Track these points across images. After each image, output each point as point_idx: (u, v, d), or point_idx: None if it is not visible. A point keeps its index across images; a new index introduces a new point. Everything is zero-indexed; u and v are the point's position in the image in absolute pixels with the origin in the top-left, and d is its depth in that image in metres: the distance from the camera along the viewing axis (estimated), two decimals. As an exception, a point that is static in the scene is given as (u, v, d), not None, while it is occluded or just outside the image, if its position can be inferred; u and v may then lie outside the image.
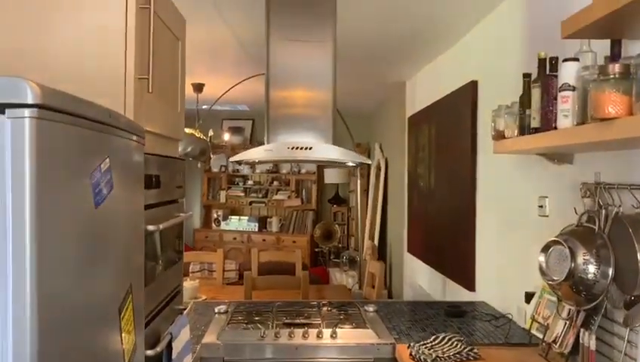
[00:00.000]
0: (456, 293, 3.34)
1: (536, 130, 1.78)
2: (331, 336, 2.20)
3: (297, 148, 2.16)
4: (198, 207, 8.24)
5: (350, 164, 2.50)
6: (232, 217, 7.82)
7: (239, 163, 2.41)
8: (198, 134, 3.99)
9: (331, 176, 7.44)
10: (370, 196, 6.52)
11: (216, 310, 2.61)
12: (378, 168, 6.50)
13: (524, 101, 1.92)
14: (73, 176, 0.85)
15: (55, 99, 0.77)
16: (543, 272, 1.76)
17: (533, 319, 2.05)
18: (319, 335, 2.20)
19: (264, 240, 7.56)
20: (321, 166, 7.53)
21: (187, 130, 3.94)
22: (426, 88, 4.29)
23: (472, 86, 3.12)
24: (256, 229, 7.66)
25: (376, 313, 2.61)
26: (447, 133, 3.57)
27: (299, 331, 2.22)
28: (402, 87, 5.02)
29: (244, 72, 4.42)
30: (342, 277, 6.17)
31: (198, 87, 5.20)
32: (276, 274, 4.30)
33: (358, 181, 6.25)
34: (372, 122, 7.26)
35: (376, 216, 5.98)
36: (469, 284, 3.10)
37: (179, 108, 1.67)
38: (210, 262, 4.53)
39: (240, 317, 2.45)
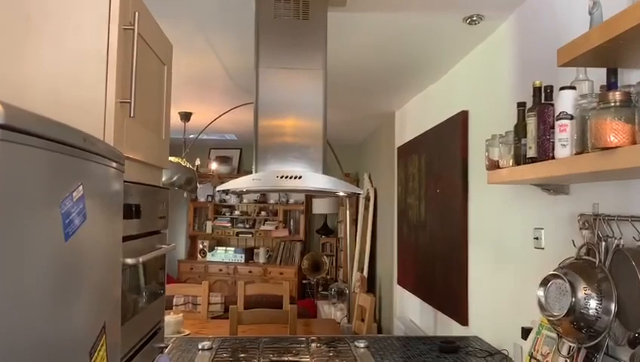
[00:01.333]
0: (449, 327, 3.25)
1: (533, 160, 1.74)
2: (321, 375, 2.09)
3: (286, 177, 2.09)
4: (183, 238, 8.10)
5: (341, 193, 2.43)
6: (219, 248, 7.68)
7: (226, 192, 2.33)
8: (184, 163, 3.91)
9: (320, 207, 7.36)
10: (359, 227, 6.45)
11: (200, 346, 2.49)
12: (367, 199, 6.44)
13: (519, 130, 1.88)
14: (41, 205, 0.77)
15: (21, 120, 0.70)
16: (542, 307, 1.69)
17: (532, 356, 1.96)
18: (308, 374, 2.09)
19: (251, 271, 7.41)
20: (311, 196, 7.47)
21: (173, 159, 3.86)
22: (415, 118, 4.28)
23: (463, 116, 3.09)
24: (243, 260, 7.52)
25: (367, 349, 2.51)
26: (438, 163, 3.53)
27: (286, 369, 2.11)
28: (391, 117, 5.01)
29: (232, 101, 4.38)
30: (330, 310, 6.04)
31: (186, 116, 5.15)
32: (263, 308, 4.19)
33: (347, 211, 6.18)
34: (361, 152, 7.24)
35: (366, 247, 5.89)
36: (462, 318, 3.01)
37: (163, 135, 1.60)
38: (195, 296, 4.40)
39: (225, 355, 2.34)
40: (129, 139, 1.25)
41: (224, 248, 7.67)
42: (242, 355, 2.34)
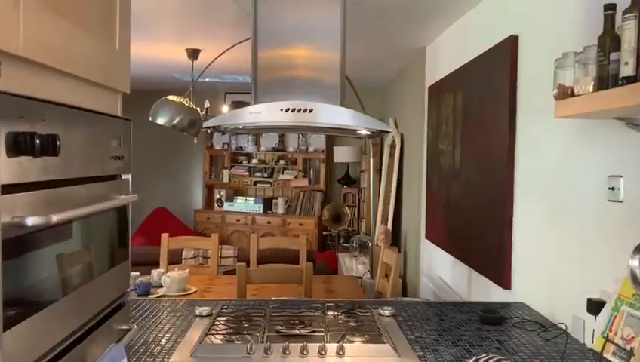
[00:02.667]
0: (486, 290, 2.84)
1: (630, 80, 1.25)
2: (337, 354, 1.70)
3: (294, 110, 1.64)
4: (199, 187, 7.78)
5: (363, 132, 1.97)
6: (238, 198, 7.33)
7: (216, 130, 1.89)
8: (187, 103, 3.48)
9: (341, 155, 6.92)
10: (383, 176, 6.00)
11: (197, 312, 2.13)
12: (392, 146, 5.97)
13: (606, 42, 1.38)
14: None
15: None
16: (637, 281, 1.25)
17: (607, 338, 1.54)
18: (322, 352, 1.71)
19: (269, 222, 7.08)
20: (331, 138, 7.01)
21: (174, 98, 3.44)
22: (450, 52, 3.74)
23: (512, 42, 2.57)
24: (261, 211, 7.19)
25: (394, 318, 2.12)
26: (478, 100, 3.03)
27: (296, 346, 1.73)
28: (422, 53, 4.46)
29: (243, 35, 3.89)
30: (352, 264, 5.69)
31: (194, 54, 4.69)
32: (278, 263, 3.83)
33: (371, 160, 5.73)
34: (385, 95, 6.70)
35: (390, 198, 5.47)
36: (503, 281, 2.59)
37: (118, 45, 1.16)
38: (206, 249, 4.06)
39: (223, 326, 1.97)
40: (31, 34, 0.81)
41: (243, 198, 7.33)
42: (245, 325, 1.97)
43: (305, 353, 1.70)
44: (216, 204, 7.42)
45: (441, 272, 3.83)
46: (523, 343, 1.86)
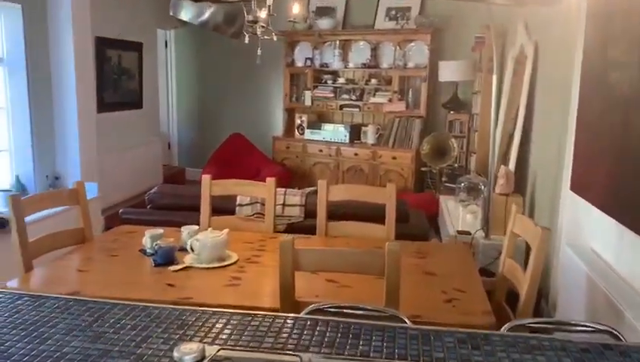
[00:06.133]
0: None
1: None
2: None
3: None
4: (280, 111, 6.78)
5: None
6: (325, 125, 6.24)
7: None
8: (223, -12, 2.35)
9: (449, 72, 5.54)
10: (504, 99, 4.61)
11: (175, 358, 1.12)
12: (518, 61, 4.53)
13: None
14: None
15: None
16: None
17: None
18: None
19: (356, 154, 5.97)
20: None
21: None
22: None
23: None
24: (348, 140, 6.08)
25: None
26: None
27: None
28: None
29: None
30: (457, 211, 4.50)
31: None
32: (356, 220, 2.76)
33: (489, 77, 4.35)
34: (511, -6, 5.11)
35: (514, 130, 4.12)
36: None
37: None
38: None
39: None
40: None
41: (330, 125, 6.23)
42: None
43: None
44: (296, 131, 6.40)
45: (597, 244, 2.56)
46: None
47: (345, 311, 1.51)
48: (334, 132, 6.16)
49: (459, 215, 4.42)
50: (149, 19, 6.27)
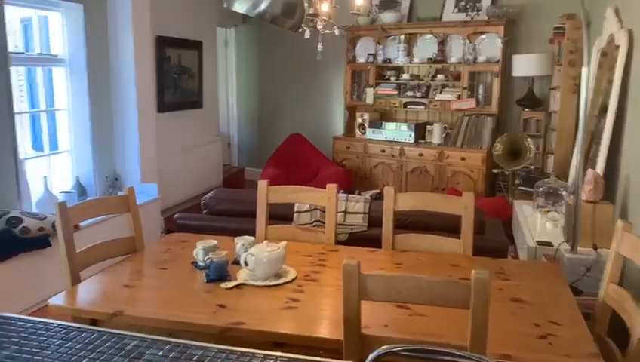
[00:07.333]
0: None
1: None
2: None
3: None
4: (340, 109, 6.55)
5: None
6: (388, 124, 5.94)
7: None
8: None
9: (524, 66, 5.11)
10: (583, 95, 4.15)
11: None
12: (604, 53, 4.07)
13: None
14: None
15: None
16: None
17: None
18: None
19: (421, 155, 5.64)
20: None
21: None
22: None
23: None
24: (412, 140, 5.75)
25: None
26: None
27: None
28: None
29: None
30: (535, 218, 4.10)
31: None
32: (427, 231, 2.49)
33: (570, 72, 3.94)
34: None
35: (603, 130, 3.68)
36: None
37: None
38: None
39: None
40: None
41: (394, 123, 5.92)
42: None
43: None
44: (357, 131, 6.14)
45: None
46: None
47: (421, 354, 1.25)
48: (397, 131, 5.85)
49: (537, 222, 4.03)
50: (209, 17, 6.19)
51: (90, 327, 1.27)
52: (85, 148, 4.45)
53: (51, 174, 4.29)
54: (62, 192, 4.12)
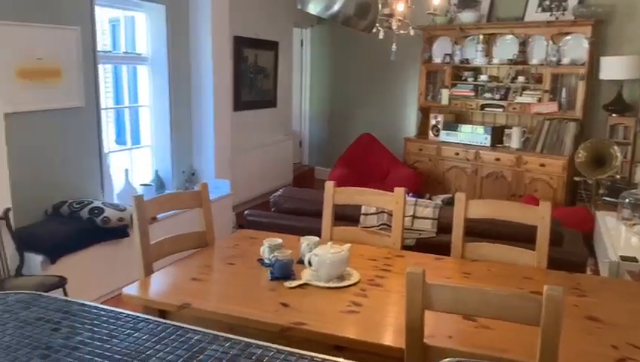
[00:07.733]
0: None
1: None
2: None
3: None
4: (413, 110, 6.44)
5: None
6: (463, 126, 5.78)
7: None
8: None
9: (613, 69, 4.81)
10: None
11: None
12: None
13: None
14: None
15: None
16: None
17: None
18: None
19: (498, 159, 5.44)
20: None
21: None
22: None
23: None
24: (489, 143, 5.56)
25: None
26: None
27: None
28: None
29: None
30: (619, 231, 3.85)
31: None
32: (500, 241, 2.40)
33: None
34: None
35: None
36: None
37: None
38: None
39: None
40: None
41: (469, 126, 5.75)
42: None
43: None
44: (431, 132, 6.01)
45: None
46: None
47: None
48: (473, 134, 5.68)
49: (621, 236, 3.78)
50: (286, 18, 6.28)
51: (157, 319, 1.32)
52: (165, 143, 4.64)
53: (132, 167, 4.52)
54: (141, 185, 4.33)
